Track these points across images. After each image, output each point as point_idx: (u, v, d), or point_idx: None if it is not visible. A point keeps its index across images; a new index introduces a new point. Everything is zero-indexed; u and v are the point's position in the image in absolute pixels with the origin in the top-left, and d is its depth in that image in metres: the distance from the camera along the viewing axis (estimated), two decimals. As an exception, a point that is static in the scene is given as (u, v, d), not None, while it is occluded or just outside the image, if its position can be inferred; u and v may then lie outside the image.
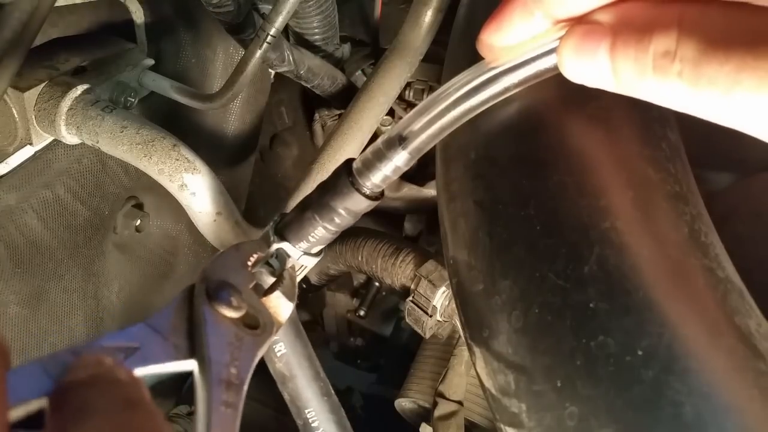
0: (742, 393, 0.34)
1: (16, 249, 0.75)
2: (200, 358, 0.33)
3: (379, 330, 1.42)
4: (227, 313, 0.35)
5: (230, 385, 0.32)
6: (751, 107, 0.25)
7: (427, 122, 0.35)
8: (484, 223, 0.44)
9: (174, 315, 0.34)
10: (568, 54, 0.30)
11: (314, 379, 0.62)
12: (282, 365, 0.61)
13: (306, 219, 0.41)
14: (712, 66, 0.25)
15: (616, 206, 0.38)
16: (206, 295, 0.35)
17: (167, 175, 0.65)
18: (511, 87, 0.33)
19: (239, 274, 0.38)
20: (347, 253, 1.05)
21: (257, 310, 0.37)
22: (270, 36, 0.72)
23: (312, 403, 0.61)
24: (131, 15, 0.84)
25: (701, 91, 0.26)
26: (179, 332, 0.34)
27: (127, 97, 0.80)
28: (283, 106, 1.21)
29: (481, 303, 0.44)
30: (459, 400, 0.93)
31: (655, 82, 0.27)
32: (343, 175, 0.39)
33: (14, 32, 0.53)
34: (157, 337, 0.33)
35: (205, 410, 0.31)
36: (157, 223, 1.00)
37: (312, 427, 0.61)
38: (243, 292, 0.37)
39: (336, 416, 0.62)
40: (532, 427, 0.40)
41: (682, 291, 0.36)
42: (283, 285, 0.40)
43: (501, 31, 0.32)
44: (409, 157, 0.37)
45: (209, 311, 0.34)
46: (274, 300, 0.39)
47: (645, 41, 0.27)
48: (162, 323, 0.33)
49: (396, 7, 1.08)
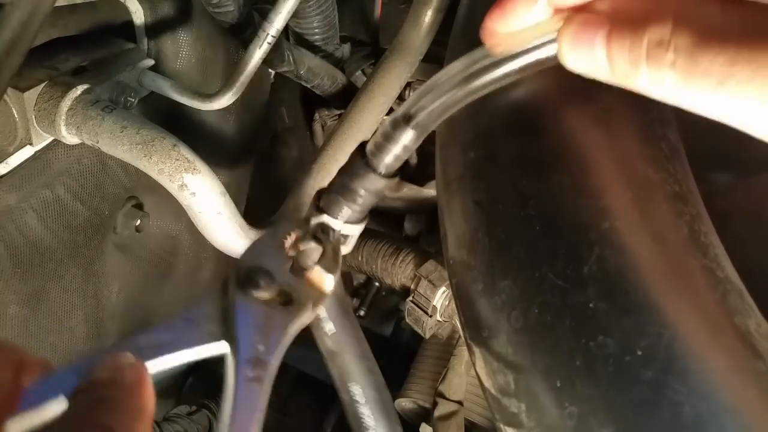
0: (741, 393, 0.34)
1: (16, 249, 0.75)
2: (230, 340, 0.34)
3: (379, 330, 1.42)
4: (257, 294, 0.37)
5: (258, 362, 0.34)
6: (743, 99, 0.25)
7: (430, 101, 0.37)
8: (484, 224, 0.44)
9: (208, 305, 0.36)
10: (566, 43, 0.30)
11: (362, 357, 0.64)
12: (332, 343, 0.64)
13: (330, 205, 0.42)
14: (706, 57, 0.25)
15: (615, 206, 0.38)
16: (237, 281, 0.37)
17: (167, 175, 0.65)
18: (512, 73, 0.34)
19: (273, 257, 0.40)
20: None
21: (292, 287, 0.39)
22: (270, 36, 0.72)
23: (359, 379, 0.63)
24: (131, 15, 0.84)
25: (694, 82, 0.26)
26: (213, 320, 0.35)
27: (127, 97, 0.80)
28: (283, 106, 1.21)
29: (481, 303, 0.44)
30: (459, 400, 0.93)
31: (649, 72, 0.27)
32: (358, 158, 0.40)
33: (14, 32, 0.53)
34: (190, 327, 0.34)
35: (233, 388, 0.32)
36: (157, 223, 1.00)
37: (357, 402, 0.63)
38: (278, 274, 0.38)
39: (381, 395, 0.64)
40: (532, 426, 0.40)
41: (682, 291, 0.36)
42: (324, 258, 0.41)
43: (505, 18, 0.32)
44: (415, 134, 0.38)
45: (239, 295, 0.36)
46: (315, 274, 0.40)
47: (640, 31, 0.27)
48: (196, 314, 0.35)
49: (396, 7, 1.08)
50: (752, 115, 0.26)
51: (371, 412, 0.62)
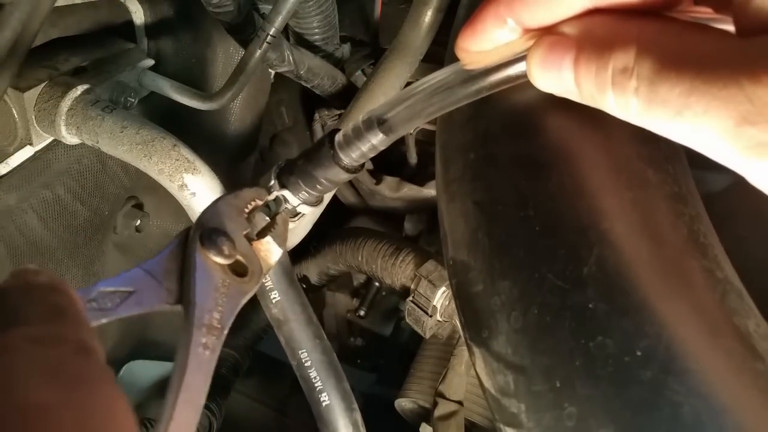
0: (740, 394, 0.34)
1: (16, 249, 0.75)
2: (186, 301, 0.34)
3: (379, 330, 1.42)
4: (217, 259, 0.36)
5: (211, 329, 0.34)
6: (699, 130, 0.26)
7: (405, 108, 0.38)
8: (484, 224, 0.44)
9: (168, 259, 0.36)
10: (535, 65, 0.31)
11: (307, 323, 0.67)
12: (277, 311, 0.66)
13: (291, 183, 0.43)
14: (664, 86, 0.26)
15: (615, 207, 0.38)
16: (199, 241, 0.36)
17: (167, 175, 0.65)
18: (484, 89, 0.35)
19: (234, 221, 0.39)
20: (347, 253, 1.05)
21: (247, 257, 0.39)
22: (270, 36, 0.72)
23: (305, 344, 0.66)
24: (131, 15, 0.84)
25: (654, 110, 0.27)
26: (172, 276, 0.35)
27: (127, 97, 0.80)
28: (283, 106, 1.21)
29: (481, 303, 0.44)
30: (459, 400, 0.93)
31: (615, 97, 0.28)
32: (325, 147, 0.41)
33: (14, 32, 0.53)
34: (151, 282, 0.34)
35: (184, 351, 0.32)
36: (157, 223, 1.00)
37: (305, 366, 0.66)
38: (236, 240, 0.38)
39: (327, 357, 0.68)
40: (531, 427, 0.40)
41: (681, 292, 0.36)
42: (275, 230, 0.41)
43: (475, 37, 0.33)
44: (386, 138, 0.39)
45: (200, 257, 0.36)
46: (264, 244, 0.41)
47: (606, 56, 0.28)
48: (157, 267, 0.35)
49: (396, 7, 1.08)
50: (709, 146, 0.26)
51: (318, 373, 0.67)
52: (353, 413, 0.68)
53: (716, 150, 0.26)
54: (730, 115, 0.24)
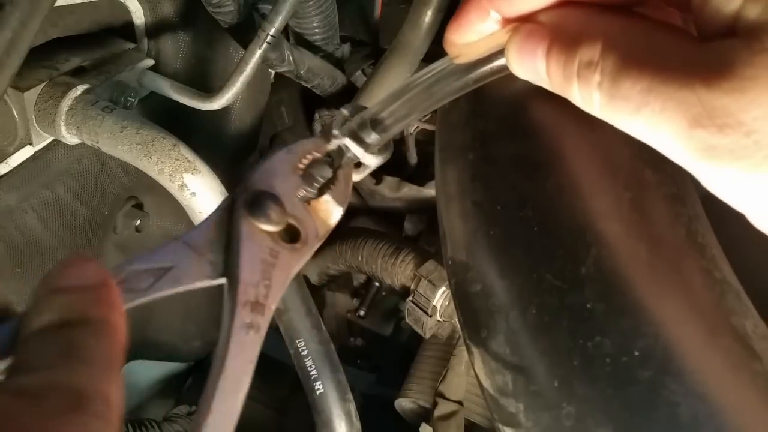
0: (738, 394, 0.34)
1: (16, 249, 0.75)
2: (230, 275, 0.31)
3: (379, 330, 1.42)
4: (265, 227, 0.33)
5: (256, 306, 0.30)
6: (656, 129, 0.26)
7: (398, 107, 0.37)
8: (483, 224, 0.44)
9: (212, 229, 0.32)
10: (512, 53, 0.31)
11: (306, 313, 0.68)
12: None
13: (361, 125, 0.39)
14: (626, 83, 0.26)
15: (613, 207, 0.38)
16: (245, 207, 0.33)
17: (167, 175, 0.65)
18: (470, 82, 0.34)
19: (286, 180, 0.35)
20: (347, 253, 1.05)
21: (300, 220, 0.35)
22: (270, 36, 0.72)
23: (303, 334, 0.67)
24: (131, 15, 0.84)
25: (616, 105, 0.27)
26: (216, 247, 0.32)
27: (127, 97, 0.80)
28: (283, 106, 1.21)
29: (479, 303, 0.44)
30: (459, 400, 0.93)
31: (580, 90, 0.29)
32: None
33: (14, 32, 0.53)
34: (191, 255, 0.31)
35: (226, 333, 0.29)
36: (157, 223, 1.00)
37: (302, 355, 0.67)
38: (287, 202, 0.34)
39: (324, 347, 0.68)
40: (530, 426, 0.40)
41: (679, 292, 0.36)
42: (335, 186, 0.37)
43: (461, 30, 0.33)
44: (378, 137, 0.38)
45: (246, 225, 0.32)
46: (323, 203, 0.36)
47: (573, 50, 0.28)
48: (198, 238, 0.31)
49: (396, 7, 1.08)
50: (665, 145, 0.26)
51: (314, 362, 0.68)
52: (347, 403, 0.68)
53: (671, 150, 0.26)
54: (684, 116, 0.25)
